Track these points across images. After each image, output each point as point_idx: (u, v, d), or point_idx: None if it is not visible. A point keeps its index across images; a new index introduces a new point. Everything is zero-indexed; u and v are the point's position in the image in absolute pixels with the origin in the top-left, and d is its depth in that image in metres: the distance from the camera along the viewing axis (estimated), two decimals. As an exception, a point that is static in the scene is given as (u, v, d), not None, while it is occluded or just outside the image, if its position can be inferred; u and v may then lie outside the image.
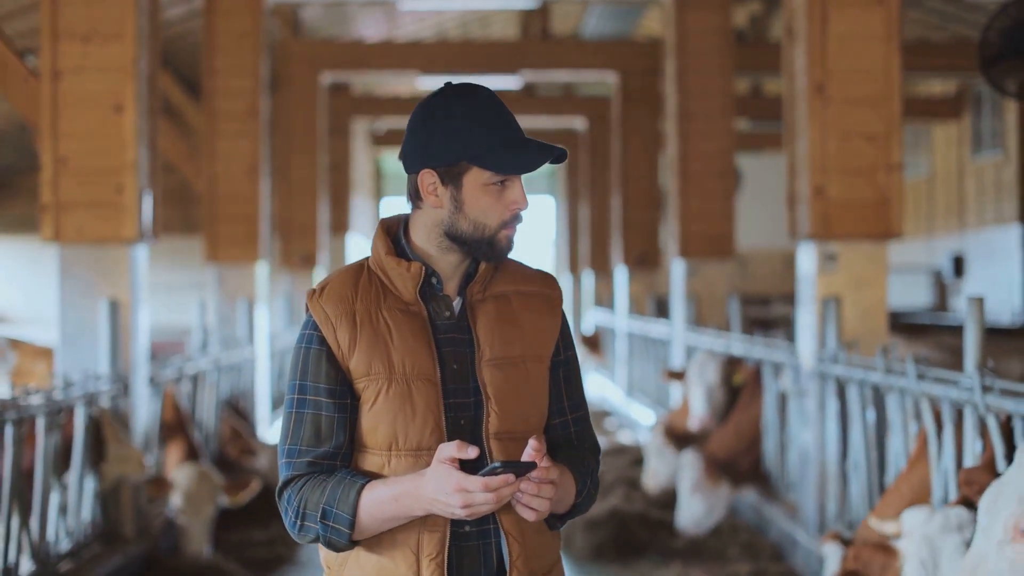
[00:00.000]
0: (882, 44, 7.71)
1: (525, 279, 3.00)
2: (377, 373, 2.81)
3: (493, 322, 2.89)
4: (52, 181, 7.50)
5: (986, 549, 4.02)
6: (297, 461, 2.82)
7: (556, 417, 2.99)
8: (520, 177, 2.87)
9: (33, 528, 6.32)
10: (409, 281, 2.86)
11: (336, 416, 2.82)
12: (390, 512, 2.75)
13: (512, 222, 2.87)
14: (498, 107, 2.85)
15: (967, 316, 5.58)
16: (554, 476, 2.75)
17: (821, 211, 7.78)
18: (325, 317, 2.84)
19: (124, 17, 7.53)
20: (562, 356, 3.00)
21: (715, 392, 9.45)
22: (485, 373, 2.85)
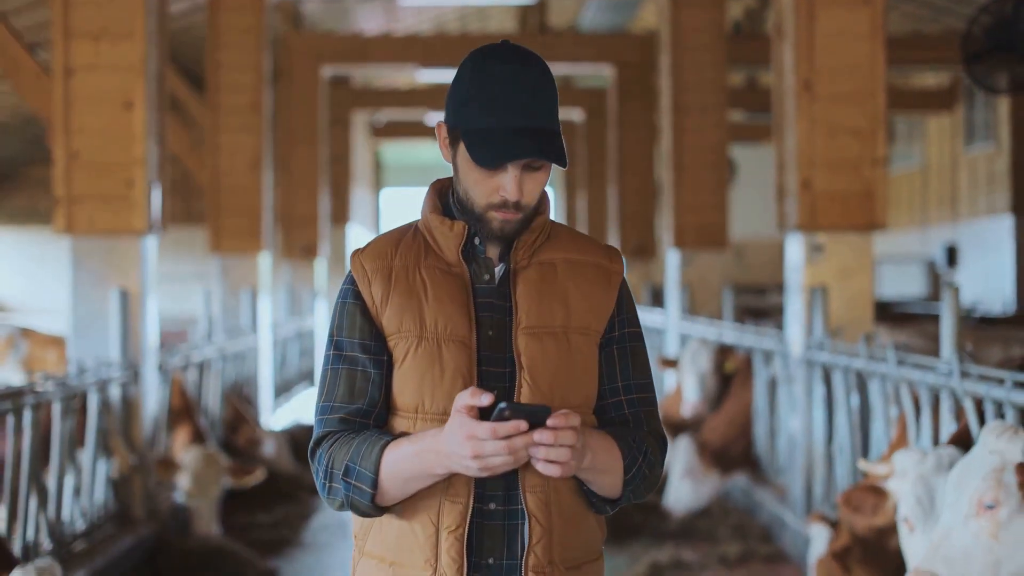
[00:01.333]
0: (867, 42, 7.96)
1: (579, 248, 2.81)
2: (408, 331, 2.69)
3: (534, 289, 2.72)
4: (64, 175, 7.75)
5: (953, 523, 4.28)
6: (329, 418, 2.72)
7: (608, 397, 2.78)
8: (520, 163, 2.66)
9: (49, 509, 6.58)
10: (452, 240, 2.73)
11: (372, 372, 2.70)
12: (411, 469, 2.59)
13: (501, 207, 2.68)
14: (512, 86, 2.63)
15: (943, 304, 5.85)
16: (574, 422, 2.50)
17: (808, 203, 8.03)
18: (362, 272, 2.74)
19: (134, 17, 7.78)
20: (616, 333, 2.79)
21: (707, 380, 9.70)
22: (520, 342, 2.68)
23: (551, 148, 2.62)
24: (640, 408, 2.79)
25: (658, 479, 2.76)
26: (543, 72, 2.67)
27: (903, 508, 4.83)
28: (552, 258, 2.76)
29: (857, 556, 5.77)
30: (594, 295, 2.75)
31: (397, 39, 18.34)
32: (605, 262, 2.80)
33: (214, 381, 9.98)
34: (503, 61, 2.64)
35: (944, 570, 4.28)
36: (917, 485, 4.85)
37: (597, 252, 2.82)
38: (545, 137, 2.62)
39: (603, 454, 2.63)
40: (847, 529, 5.83)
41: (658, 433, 2.81)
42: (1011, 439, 4.17)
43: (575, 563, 2.69)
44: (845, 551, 5.78)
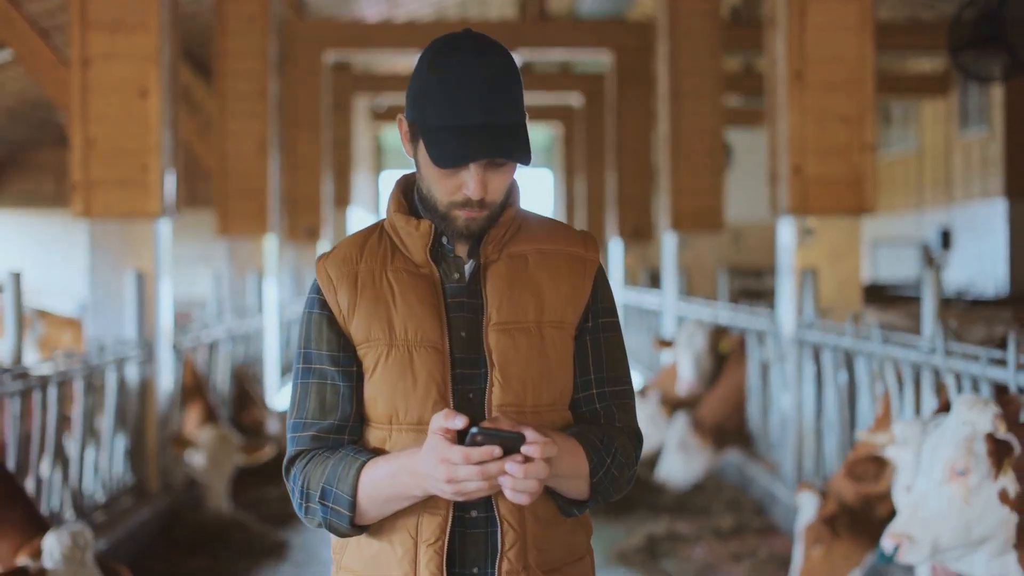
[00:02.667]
0: (856, 33, 8.24)
1: (550, 237, 2.69)
2: (376, 339, 2.57)
3: (504, 283, 2.60)
4: (82, 161, 8.04)
5: (927, 488, 4.58)
6: (302, 435, 2.62)
7: (581, 391, 2.66)
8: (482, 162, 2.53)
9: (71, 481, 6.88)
10: (419, 240, 2.61)
11: (341, 385, 2.60)
12: (388, 491, 2.50)
13: (464, 205, 2.56)
14: (469, 80, 2.49)
15: (924, 286, 6.14)
16: (550, 453, 2.40)
17: (799, 188, 8.32)
18: (328, 280, 2.62)
19: (148, 8, 8.06)
20: (591, 324, 2.67)
21: (702, 359, 10.00)
22: (491, 338, 2.57)
23: (512, 145, 2.50)
24: (613, 402, 2.67)
25: (630, 479, 2.66)
26: (503, 63, 2.52)
27: (905, 476, 5.12)
28: (523, 250, 2.65)
29: (845, 523, 6.08)
30: (568, 286, 2.64)
31: (398, 25, 18.60)
32: (579, 250, 2.68)
33: (223, 361, 10.27)
34: (460, 53, 2.50)
35: (920, 532, 4.59)
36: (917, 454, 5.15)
37: (571, 240, 2.69)
38: (505, 133, 2.50)
39: (567, 461, 2.51)
40: (835, 498, 6.13)
41: (631, 429, 2.70)
42: (981, 411, 4.47)
43: (553, 566, 2.60)
44: (833, 518, 6.08)
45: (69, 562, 4.81)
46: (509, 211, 2.64)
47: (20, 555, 4.86)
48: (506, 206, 2.64)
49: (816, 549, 6.11)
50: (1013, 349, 5.05)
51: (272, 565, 7.71)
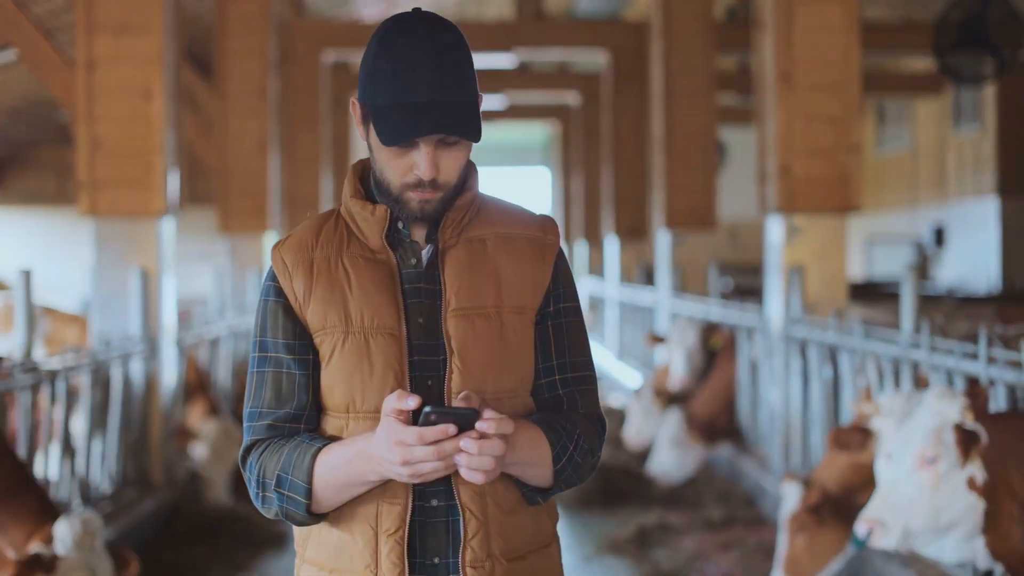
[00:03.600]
0: (842, 36, 8.46)
1: (509, 221, 2.65)
2: (333, 326, 2.53)
3: (462, 268, 2.56)
4: (88, 161, 8.25)
5: (898, 476, 4.80)
6: (257, 425, 2.58)
7: (543, 377, 2.63)
8: (433, 139, 2.49)
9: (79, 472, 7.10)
10: (375, 225, 2.57)
11: (297, 374, 2.56)
12: (344, 476, 2.47)
13: (416, 187, 2.51)
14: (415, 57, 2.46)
15: (902, 283, 6.36)
16: (505, 429, 2.37)
17: (787, 187, 8.54)
18: (283, 266, 2.58)
19: (152, 12, 8.27)
20: (552, 308, 2.63)
21: (694, 355, 10.21)
22: (450, 325, 2.53)
23: (459, 121, 2.46)
24: (575, 388, 2.65)
25: (594, 465, 2.64)
26: (453, 40, 2.49)
27: (887, 444, 5.34)
28: (482, 234, 2.61)
29: (828, 511, 6.29)
30: (529, 270, 2.61)
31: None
32: (539, 234, 2.64)
33: (225, 356, 10.48)
34: (407, 31, 2.47)
35: (891, 517, 4.81)
36: (899, 425, 5.37)
37: (530, 224, 2.65)
38: (454, 110, 2.46)
39: (528, 447, 2.49)
40: (818, 487, 6.35)
41: (595, 415, 2.67)
42: (950, 402, 4.68)
43: (518, 554, 2.57)
44: (816, 507, 6.29)
45: (79, 548, 5.03)
46: (467, 195, 2.59)
47: (32, 542, 5.07)
48: (465, 189, 2.59)
49: (800, 537, 6.32)
50: (984, 344, 5.26)
51: (272, 554, 7.92)
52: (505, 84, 21.55)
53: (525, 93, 23.27)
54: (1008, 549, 4.75)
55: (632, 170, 17.79)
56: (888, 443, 5.23)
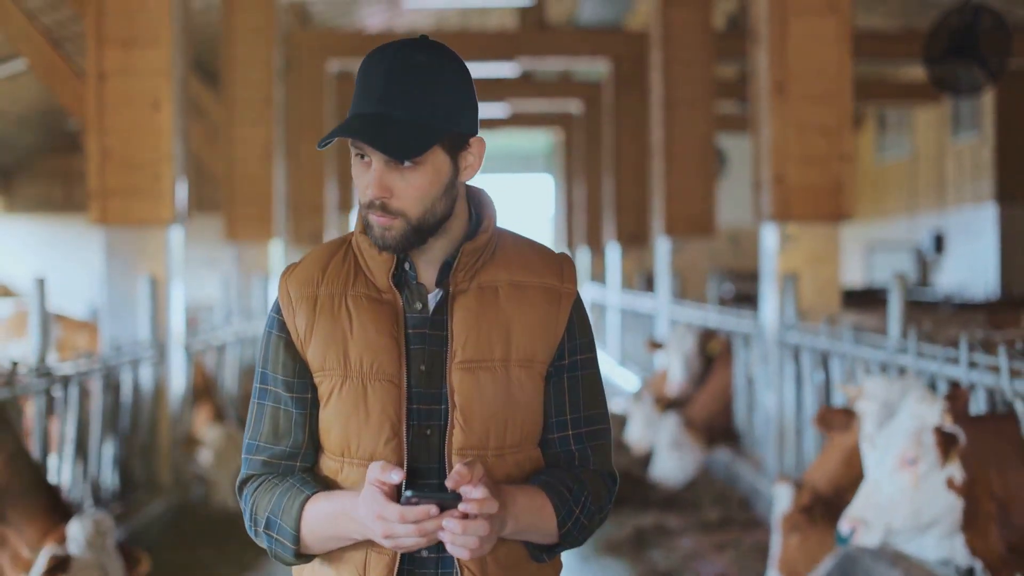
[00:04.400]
0: (835, 47, 8.64)
1: (525, 267, 2.56)
2: (331, 368, 2.48)
3: (471, 317, 2.49)
4: (98, 171, 8.45)
5: (880, 477, 4.99)
6: (253, 459, 2.56)
7: (555, 431, 2.56)
8: (381, 157, 2.42)
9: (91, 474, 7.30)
10: (382, 264, 2.51)
11: (294, 412, 2.52)
12: (330, 531, 2.45)
13: (369, 207, 2.44)
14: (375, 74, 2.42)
15: (890, 290, 6.55)
16: (489, 510, 2.32)
17: (781, 196, 8.73)
18: (288, 300, 2.53)
19: (160, 25, 8.47)
20: (567, 361, 2.56)
21: (692, 361, 10.41)
22: (454, 377, 2.46)
23: (384, 135, 2.37)
24: (588, 443, 2.58)
25: (600, 522, 2.59)
26: (424, 60, 2.42)
27: (867, 426, 5.54)
28: (495, 280, 2.52)
29: (819, 512, 6.47)
30: (540, 322, 2.52)
31: (399, 35, 19.00)
32: (555, 282, 2.56)
33: (231, 362, 10.68)
34: (384, 49, 2.44)
35: (874, 516, 5.02)
36: (881, 408, 5.58)
37: (547, 271, 2.57)
38: (388, 124, 2.38)
39: (529, 516, 2.46)
40: (810, 488, 6.53)
41: (606, 471, 2.61)
42: (929, 405, 4.88)
43: None
44: (808, 508, 6.48)
45: (92, 548, 5.22)
46: (482, 236, 2.53)
47: (46, 542, 5.26)
48: (480, 231, 2.54)
49: (793, 537, 6.50)
50: (965, 349, 5.45)
51: (278, 555, 8.11)
52: (508, 92, 21.75)
53: (528, 101, 23.48)
54: (986, 546, 4.94)
55: (633, 177, 17.97)
56: (869, 424, 5.44)
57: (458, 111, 2.44)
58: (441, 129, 2.41)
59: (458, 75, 2.45)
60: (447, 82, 2.43)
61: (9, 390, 5.90)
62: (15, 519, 5.30)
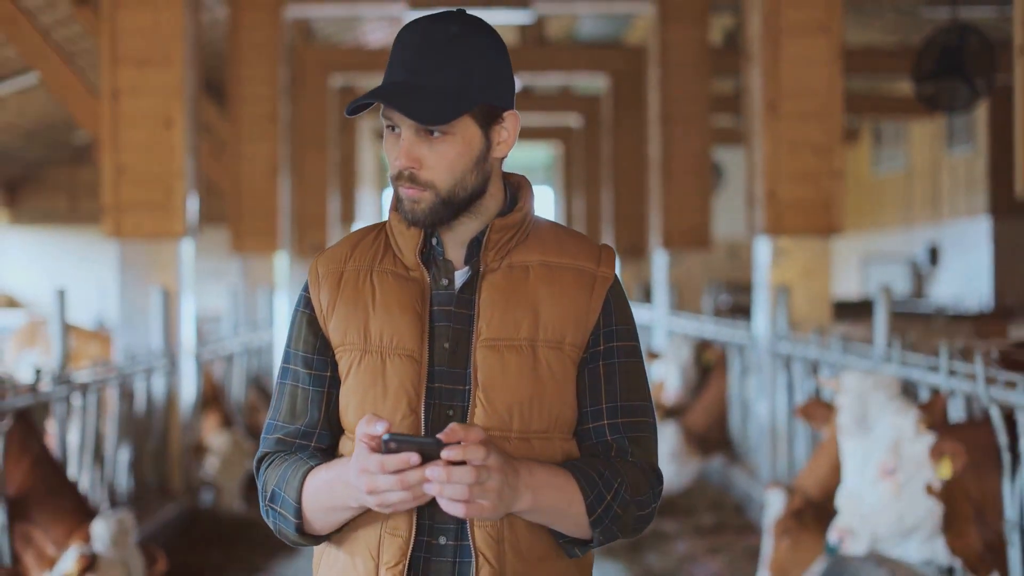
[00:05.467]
0: (826, 67, 8.93)
1: (561, 249, 2.48)
2: (352, 343, 2.44)
3: (499, 296, 2.41)
4: (113, 186, 8.73)
5: (862, 487, 5.28)
6: (269, 437, 2.52)
7: (590, 421, 2.44)
8: (411, 126, 2.38)
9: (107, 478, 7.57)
10: (410, 240, 2.46)
11: (311, 390, 2.48)
12: (328, 500, 2.37)
13: (398, 179, 2.42)
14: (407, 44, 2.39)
15: (876, 302, 6.83)
16: (474, 456, 2.18)
17: (774, 211, 9.01)
18: (316, 277, 2.50)
19: (173, 46, 8.76)
20: (602, 347, 2.45)
21: (688, 371, 10.67)
22: (478, 356, 2.38)
23: (412, 101, 2.34)
24: (627, 434, 2.44)
25: (642, 519, 2.42)
26: (457, 31, 2.38)
27: (842, 418, 5.84)
28: (526, 260, 2.45)
29: (810, 517, 6.74)
30: (572, 303, 2.43)
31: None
32: (590, 265, 2.47)
33: (239, 372, 10.95)
34: (416, 22, 2.40)
35: (859, 525, 5.32)
36: (855, 401, 5.87)
37: (582, 254, 2.49)
38: (416, 91, 2.34)
39: (551, 493, 2.33)
40: (801, 494, 6.80)
41: (649, 464, 2.46)
42: (904, 415, 5.17)
43: None
44: (799, 512, 6.75)
45: (116, 546, 5.50)
46: (516, 214, 2.48)
47: (71, 541, 5.53)
48: (515, 209, 2.49)
49: (784, 540, 6.76)
50: (945, 357, 5.73)
51: (286, 558, 8.37)
52: (508, 106, 21.98)
53: (528, 115, 23.75)
54: (965, 546, 5.24)
55: (632, 190, 18.19)
56: (845, 416, 5.75)
57: (491, 83, 2.39)
58: (473, 99, 2.37)
59: (493, 48, 2.41)
60: (481, 54, 2.38)
61: (33, 397, 6.17)
62: (41, 519, 5.58)
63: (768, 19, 8.93)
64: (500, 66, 2.43)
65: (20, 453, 5.73)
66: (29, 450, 5.75)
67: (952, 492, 5.20)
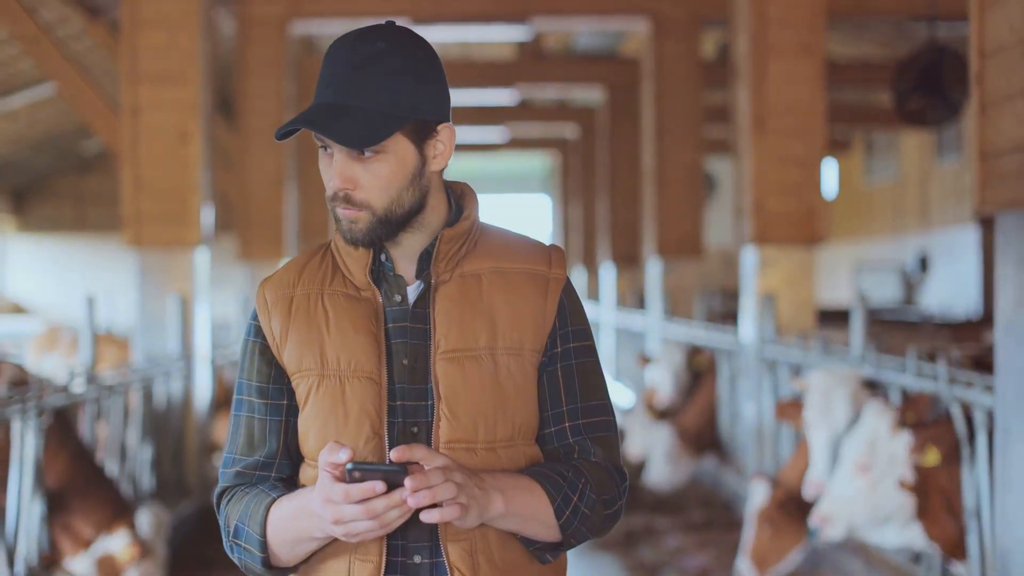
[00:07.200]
0: (809, 86, 9.41)
1: (511, 253, 2.46)
2: (308, 369, 2.38)
3: (454, 307, 2.38)
4: (132, 197, 9.19)
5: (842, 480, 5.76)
6: (228, 471, 2.45)
7: (552, 425, 2.43)
8: (342, 148, 2.33)
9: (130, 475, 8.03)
10: (358, 260, 2.42)
11: (268, 419, 2.42)
12: (293, 532, 2.32)
13: (333, 199, 2.37)
14: (333, 63, 2.34)
15: (853, 308, 7.29)
16: (435, 481, 2.17)
17: (761, 222, 9.47)
18: (264, 304, 2.45)
19: (189, 64, 9.22)
20: (559, 349, 2.43)
21: (680, 375, 11.10)
22: (438, 369, 2.35)
23: (337, 124, 2.28)
24: (588, 435, 2.43)
25: (609, 518, 2.43)
26: (378, 48, 2.32)
27: (808, 413, 6.35)
28: (478, 268, 2.43)
29: (794, 506, 7.18)
30: (527, 307, 2.41)
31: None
32: (542, 268, 2.45)
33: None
34: (343, 40, 2.35)
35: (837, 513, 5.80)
36: (820, 397, 6.36)
37: (532, 257, 2.47)
38: (343, 113, 2.29)
39: (520, 497, 2.32)
40: (784, 486, 7.25)
41: (611, 463, 2.45)
42: (881, 416, 5.65)
43: None
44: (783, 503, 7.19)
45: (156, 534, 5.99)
46: (463, 224, 2.45)
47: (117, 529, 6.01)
48: (461, 218, 2.46)
49: (766, 529, 7.21)
50: (913, 360, 6.20)
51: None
52: (507, 117, 22.43)
53: (526, 126, 24.21)
54: (940, 532, 5.73)
55: (627, 200, 18.59)
56: (811, 411, 6.33)
57: (422, 98, 2.35)
58: (403, 117, 2.32)
59: (422, 61, 2.36)
60: (409, 69, 2.33)
61: (67, 397, 6.62)
62: (80, 507, 6.04)
63: (755, 40, 9.41)
64: (431, 80, 2.37)
65: (58, 448, 6.19)
66: (66, 446, 6.22)
67: (925, 484, 5.68)
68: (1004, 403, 4.88)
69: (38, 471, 6.01)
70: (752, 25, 9.42)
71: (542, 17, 13.82)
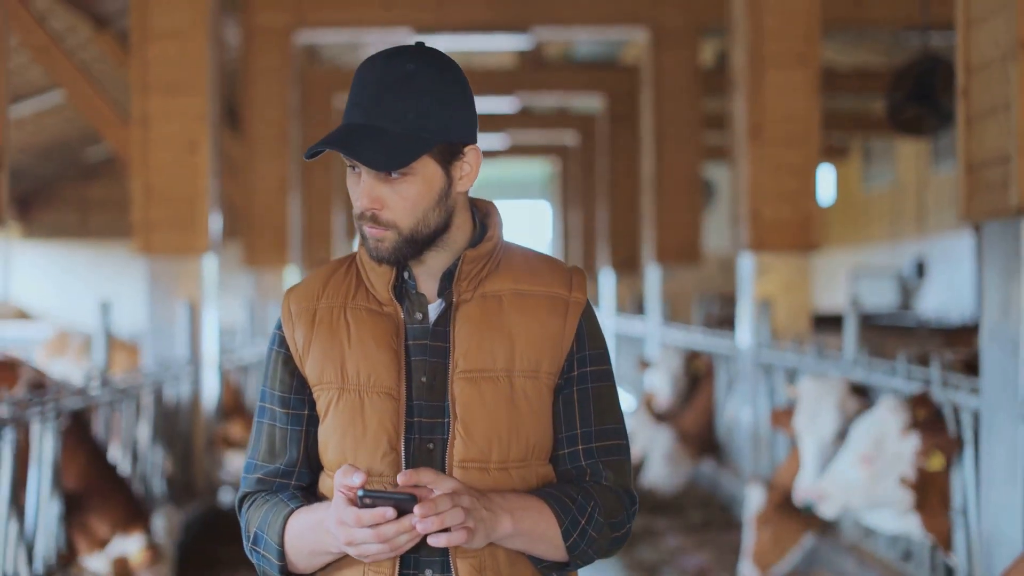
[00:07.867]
0: (805, 96, 9.60)
1: (532, 276, 2.48)
2: (329, 382, 2.43)
3: (474, 327, 2.42)
4: (142, 205, 9.37)
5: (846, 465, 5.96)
6: (250, 477, 2.51)
7: (565, 447, 2.47)
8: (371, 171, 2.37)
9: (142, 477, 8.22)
10: (382, 276, 2.45)
11: (289, 429, 2.48)
12: (310, 545, 2.39)
13: (360, 218, 2.39)
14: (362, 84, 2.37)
15: (846, 314, 7.49)
16: (443, 508, 2.22)
17: (757, 229, 9.67)
18: (288, 315, 2.49)
19: (198, 75, 9.40)
20: (576, 373, 2.46)
21: (678, 379, 11.29)
22: (456, 388, 2.39)
23: (364, 146, 2.31)
24: (600, 459, 2.47)
25: (618, 540, 2.47)
26: (413, 69, 2.35)
27: (797, 418, 6.56)
28: (499, 289, 2.46)
29: (791, 506, 7.37)
30: (544, 331, 2.45)
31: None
32: (563, 291, 2.48)
33: (255, 382, 11.59)
34: (374, 59, 2.38)
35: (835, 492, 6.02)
36: (809, 403, 6.57)
37: (554, 280, 2.49)
38: (370, 135, 2.32)
39: (528, 517, 2.36)
40: (780, 488, 7.44)
41: (622, 487, 2.49)
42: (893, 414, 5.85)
43: None
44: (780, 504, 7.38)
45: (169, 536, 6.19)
46: (487, 244, 2.48)
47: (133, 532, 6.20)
48: (485, 239, 2.49)
49: (766, 531, 7.39)
50: (903, 363, 6.39)
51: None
52: (508, 125, 22.60)
53: (526, 132, 24.37)
54: (936, 525, 5.93)
55: (627, 206, 18.73)
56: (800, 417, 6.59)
57: (449, 120, 2.38)
58: (430, 140, 2.35)
59: (450, 83, 2.39)
60: (438, 91, 2.36)
61: (84, 400, 6.81)
62: (96, 507, 6.24)
63: (752, 51, 9.60)
64: (459, 102, 2.40)
65: (75, 450, 6.38)
66: (84, 447, 6.41)
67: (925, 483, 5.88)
68: (989, 405, 5.08)
69: (56, 472, 6.21)
70: (749, 37, 9.63)
71: (542, 26, 14.01)
